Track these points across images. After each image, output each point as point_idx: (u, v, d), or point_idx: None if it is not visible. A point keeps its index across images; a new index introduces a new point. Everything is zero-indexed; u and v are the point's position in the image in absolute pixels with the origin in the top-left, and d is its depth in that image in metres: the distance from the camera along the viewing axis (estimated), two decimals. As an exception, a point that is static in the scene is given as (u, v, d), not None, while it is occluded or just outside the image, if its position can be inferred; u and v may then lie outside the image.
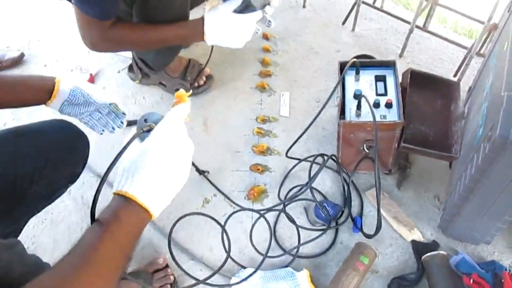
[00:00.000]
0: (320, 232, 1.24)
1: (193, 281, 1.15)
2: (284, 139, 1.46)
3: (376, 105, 1.20)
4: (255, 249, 1.23)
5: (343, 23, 1.82)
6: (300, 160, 1.37)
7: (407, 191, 1.32)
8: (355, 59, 1.23)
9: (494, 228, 1.07)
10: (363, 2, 1.71)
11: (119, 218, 0.61)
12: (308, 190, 1.28)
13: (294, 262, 1.20)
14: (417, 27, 1.62)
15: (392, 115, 1.19)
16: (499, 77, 0.94)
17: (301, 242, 1.24)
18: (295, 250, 1.22)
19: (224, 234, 1.25)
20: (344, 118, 1.20)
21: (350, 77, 1.29)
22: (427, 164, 1.35)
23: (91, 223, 0.62)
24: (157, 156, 0.65)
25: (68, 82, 0.98)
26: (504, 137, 0.80)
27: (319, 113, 1.21)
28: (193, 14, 1.34)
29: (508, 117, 0.81)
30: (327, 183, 1.36)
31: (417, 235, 1.22)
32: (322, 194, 1.33)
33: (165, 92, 1.62)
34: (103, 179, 0.63)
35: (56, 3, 1.56)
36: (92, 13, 1.14)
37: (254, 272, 1.15)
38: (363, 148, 1.25)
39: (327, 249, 1.23)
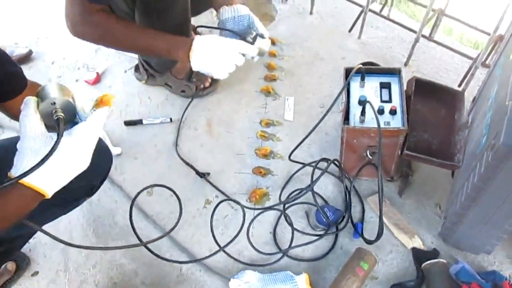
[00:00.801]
0: (317, 237, 1.24)
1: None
2: (287, 143, 1.46)
3: (381, 111, 1.21)
4: (252, 246, 1.23)
5: (350, 30, 1.83)
6: (304, 165, 1.38)
7: (408, 199, 1.32)
8: (360, 65, 1.24)
9: (495, 237, 1.06)
10: (370, 10, 1.72)
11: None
12: (310, 194, 1.28)
13: (291, 263, 1.20)
14: (423, 36, 1.62)
15: (396, 122, 1.20)
16: (504, 87, 0.94)
17: (300, 245, 1.24)
18: (287, 250, 1.22)
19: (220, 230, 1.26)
20: (348, 124, 1.21)
21: (355, 83, 1.29)
22: (430, 172, 1.36)
23: None
24: (65, 152, 0.71)
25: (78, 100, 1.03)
26: (507, 145, 0.80)
27: (323, 117, 1.22)
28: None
29: (512, 126, 0.81)
30: (329, 188, 1.36)
31: (417, 243, 1.22)
32: (324, 199, 1.33)
33: (170, 93, 1.63)
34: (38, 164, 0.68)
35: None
36: None
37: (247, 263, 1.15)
38: (366, 154, 1.25)
39: (326, 253, 1.23)
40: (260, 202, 1.33)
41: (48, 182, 0.71)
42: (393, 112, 1.20)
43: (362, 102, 1.20)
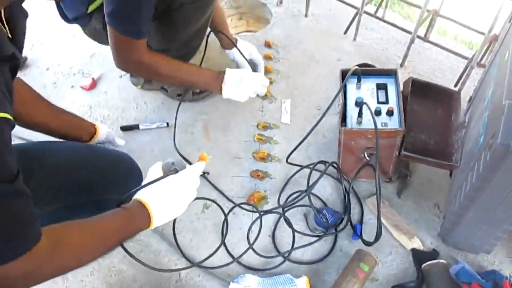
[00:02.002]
0: (316, 238, 1.24)
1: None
2: (284, 146, 1.46)
3: (378, 113, 1.21)
4: (252, 248, 1.23)
5: (345, 32, 1.84)
6: (302, 167, 1.38)
7: (407, 200, 1.32)
8: (356, 67, 1.24)
9: (494, 237, 1.06)
10: (365, 12, 1.73)
11: (131, 212, 0.86)
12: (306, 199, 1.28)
13: (290, 267, 1.20)
14: (418, 37, 1.63)
15: (393, 123, 1.20)
16: (500, 87, 0.95)
17: (300, 247, 1.23)
18: (288, 253, 1.22)
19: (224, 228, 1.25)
20: (345, 125, 1.21)
21: (351, 85, 1.29)
22: (428, 172, 1.36)
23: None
24: (170, 191, 0.92)
25: (103, 129, 1.25)
26: (505, 145, 0.80)
27: (320, 119, 1.22)
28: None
29: (509, 125, 0.81)
30: (328, 190, 1.36)
31: (417, 244, 1.22)
32: (323, 201, 1.33)
33: (166, 98, 1.62)
34: (136, 191, 0.91)
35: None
36: (128, 32, 1.19)
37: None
38: (364, 156, 1.25)
39: (326, 256, 1.22)
40: (258, 205, 1.33)
41: (157, 209, 0.89)
42: (390, 113, 1.21)
43: (359, 104, 1.20)
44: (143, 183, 0.92)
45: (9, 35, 0.73)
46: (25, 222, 0.63)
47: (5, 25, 0.73)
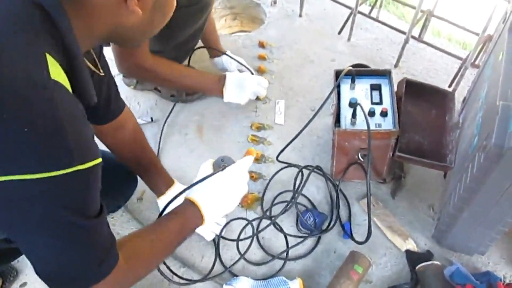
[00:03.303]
0: (301, 240, 1.24)
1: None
2: (278, 147, 1.44)
3: (371, 113, 1.20)
4: (244, 258, 1.22)
5: (339, 32, 1.83)
6: (289, 165, 1.38)
7: (401, 201, 1.32)
8: (350, 68, 1.23)
9: (488, 238, 1.06)
10: (359, 12, 1.72)
11: (185, 214, 0.89)
12: (298, 198, 1.28)
13: (285, 268, 1.19)
14: (413, 37, 1.63)
15: (387, 124, 1.19)
16: (494, 87, 0.94)
17: (291, 248, 1.23)
18: (284, 255, 1.21)
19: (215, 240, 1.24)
20: (339, 126, 1.20)
21: (345, 86, 1.29)
22: (422, 173, 1.35)
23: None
24: (220, 187, 0.93)
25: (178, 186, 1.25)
26: (499, 146, 0.80)
27: (312, 118, 1.21)
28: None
29: (503, 126, 0.81)
30: (320, 191, 1.35)
31: (411, 245, 1.21)
32: (312, 203, 1.32)
33: (159, 98, 1.61)
34: (181, 193, 0.93)
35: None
36: None
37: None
38: (358, 157, 1.25)
39: (311, 250, 1.23)
40: (252, 206, 1.32)
41: (208, 207, 0.90)
42: (384, 114, 1.20)
43: (353, 105, 1.19)
44: (193, 182, 0.94)
45: (101, 73, 0.85)
46: (109, 245, 0.70)
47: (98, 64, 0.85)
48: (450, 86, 1.58)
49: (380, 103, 1.24)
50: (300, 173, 1.32)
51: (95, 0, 0.64)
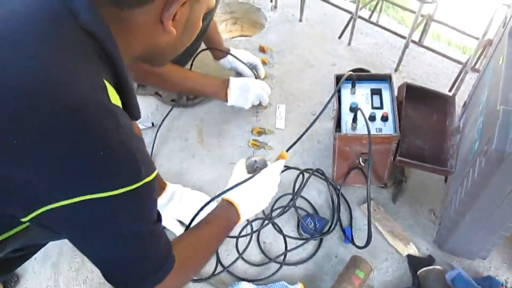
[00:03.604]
0: (303, 242, 1.24)
1: None
2: (279, 152, 1.44)
3: (372, 118, 1.20)
4: (242, 257, 1.22)
5: (339, 37, 1.84)
6: (287, 168, 1.38)
7: (402, 205, 1.31)
8: (351, 72, 1.23)
9: (489, 243, 1.06)
10: (359, 17, 1.73)
11: (226, 214, 0.97)
12: (299, 202, 1.29)
13: (286, 273, 1.19)
14: (413, 42, 1.63)
15: (388, 129, 1.19)
16: (494, 92, 0.94)
17: (290, 251, 1.23)
18: (281, 259, 1.22)
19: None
20: (340, 131, 1.20)
21: (346, 90, 1.29)
22: (423, 178, 1.35)
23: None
24: (256, 188, 1.02)
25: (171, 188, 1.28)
26: (500, 151, 0.80)
27: (313, 123, 1.21)
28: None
29: (503, 131, 0.81)
30: (320, 195, 1.35)
31: (412, 250, 1.21)
32: (313, 207, 1.32)
33: (160, 103, 1.61)
34: (219, 195, 1.01)
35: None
36: None
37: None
38: (359, 161, 1.25)
39: (313, 255, 1.23)
40: (253, 211, 1.32)
41: (244, 207, 0.98)
42: (384, 118, 1.20)
43: (354, 109, 1.19)
44: (229, 182, 1.03)
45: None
46: (168, 248, 0.76)
47: None
48: (450, 90, 1.58)
49: (381, 107, 1.24)
50: (301, 176, 1.32)
51: (135, 21, 0.67)
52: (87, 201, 0.59)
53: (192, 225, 0.97)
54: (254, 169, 1.07)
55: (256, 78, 1.60)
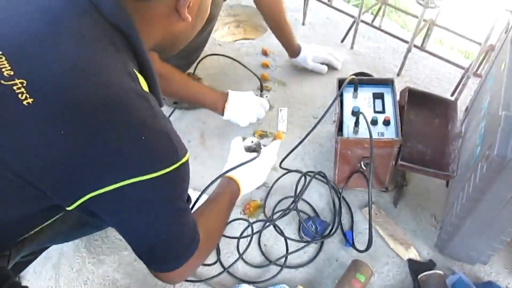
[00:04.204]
0: (304, 245, 1.24)
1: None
2: (281, 155, 1.44)
3: (374, 122, 1.20)
4: (242, 258, 1.22)
5: (342, 41, 1.84)
6: (288, 171, 1.38)
7: (404, 209, 1.32)
8: (353, 76, 1.24)
9: (490, 247, 1.06)
10: (362, 21, 1.73)
11: (230, 188, 1.06)
12: (300, 205, 1.29)
13: (286, 276, 1.19)
14: (415, 46, 1.63)
15: (390, 133, 1.19)
16: (496, 97, 0.94)
17: (291, 254, 1.23)
18: (282, 261, 1.22)
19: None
20: (342, 135, 1.21)
21: (348, 94, 1.29)
22: (424, 182, 1.35)
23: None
24: (255, 167, 1.12)
25: None
26: (501, 156, 0.80)
27: (315, 126, 1.22)
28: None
29: (505, 136, 0.81)
30: (323, 198, 1.35)
31: (413, 254, 1.21)
32: (315, 210, 1.33)
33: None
34: (225, 173, 1.09)
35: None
36: None
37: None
38: (360, 165, 1.25)
39: (313, 258, 1.23)
40: (254, 214, 1.32)
41: (245, 183, 1.08)
42: (386, 122, 1.20)
43: (356, 113, 1.20)
44: (229, 158, 1.14)
45: None
46: (196, 223, 0.81)
47: None
48: (452, 95, 1.59)
49: (383, 111, 1.24)
50: (303, 179, 1.32)
51: (153, 11, 0.71)
52: (131, 185, 0.63)
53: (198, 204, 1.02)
54: (250, 148, 1.16)
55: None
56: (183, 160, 0.69)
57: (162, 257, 0.77)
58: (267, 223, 1.28)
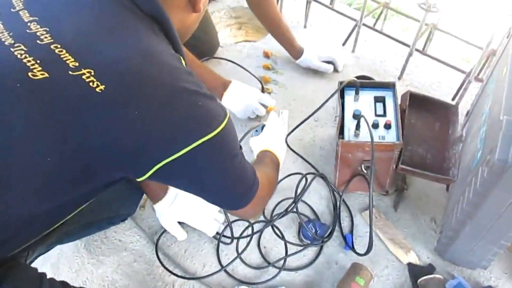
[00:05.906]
0: (302, 248, 1.24)
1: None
2: (281, 153, 1.45)
3: (375, 125, 1.20)
4: (240, 258, 1.22)
5: (343, 44, 1.84)
6: (290, 174, 1.38)
7: (404, 213, 1.31)
8: (354, 79, 1.24)
9: (490, 252, 1.06)
10: (364, 24, 1.73)
11: (269, 153, 1.16)
12: (299, 207, 1.29)
13: (286, 279, 1.19)
14: (417, 50, 1.63)
15: (391, 136, 1.19)
16: (497, 102, 0.95)
17: (290, 256, 1.23)
18: (281, 263, 1.21)
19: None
20: (343, 138, 1.21)
21: (349, 97, 1.29)
22: (425, 186, 1.35)
23: None
24: (273, 134, 1.22)
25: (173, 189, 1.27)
26: (502, 161, 0.80)
27: (305, 120, 1.26)
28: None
29: (506, 141, 0.81)
30: (324, 201, 1.35)
31: (413, 258, 1.21)
32: (315, 212, 1.32)
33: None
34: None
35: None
36: None
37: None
38: (361, 168, 1.25)
39: (313, 261, 1.23)
40: (255, 217, 1.32)
41: (276, 149, 1.18)
42: (387, 126, 1.20)
43: (357, 116, 1.20)
44: (265, 129, 1.25)
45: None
46: (253, 168, 0.89)
47: None
48: (453, 99, 1.59)
49: (384, 115, 1.24)
50: (303, 181, 1.32)
51: (174, 3, 0.79)
52: (197, 146, 0.70)
53: None
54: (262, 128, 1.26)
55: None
56: (228, 114, 0.77)
57: (235, 198, 0.86)
58: (267, 224, 1.28)
